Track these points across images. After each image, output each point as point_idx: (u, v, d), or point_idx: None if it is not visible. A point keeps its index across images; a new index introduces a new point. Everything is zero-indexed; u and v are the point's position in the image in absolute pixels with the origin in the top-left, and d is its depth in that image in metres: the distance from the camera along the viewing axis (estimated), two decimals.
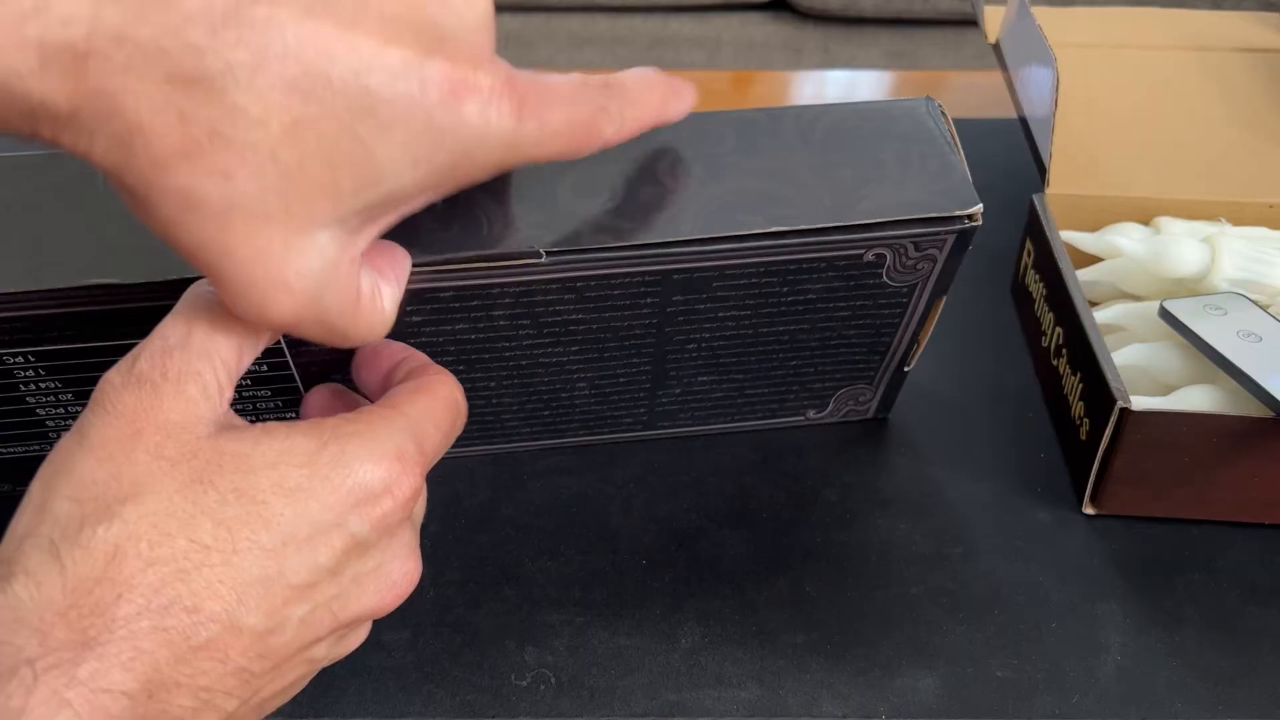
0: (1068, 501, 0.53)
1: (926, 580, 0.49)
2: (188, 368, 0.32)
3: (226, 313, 0.32)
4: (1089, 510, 0.52)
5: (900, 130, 0.44)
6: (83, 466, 0.30)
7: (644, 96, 0.36)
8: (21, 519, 0.30)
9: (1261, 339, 0.49)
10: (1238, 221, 0.60)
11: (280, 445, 0.31)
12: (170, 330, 0.32)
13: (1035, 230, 0.59)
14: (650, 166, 0.42)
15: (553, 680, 0.45)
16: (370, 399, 0.39)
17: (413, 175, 0.30)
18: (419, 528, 0.37)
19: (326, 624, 0.32)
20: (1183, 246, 0.55)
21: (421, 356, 0.39)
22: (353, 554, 0.32)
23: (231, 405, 0.34)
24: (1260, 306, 0.51)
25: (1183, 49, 0.72)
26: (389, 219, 0.32)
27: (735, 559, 0.50)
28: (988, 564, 0.49)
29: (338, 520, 0.31)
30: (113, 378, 0.31)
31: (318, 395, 0.40)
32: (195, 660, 0.29)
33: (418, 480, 0.33)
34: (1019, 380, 0.59)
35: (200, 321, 0.32)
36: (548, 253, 0.41)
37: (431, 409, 0.35)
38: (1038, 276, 0.59)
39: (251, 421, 0.33)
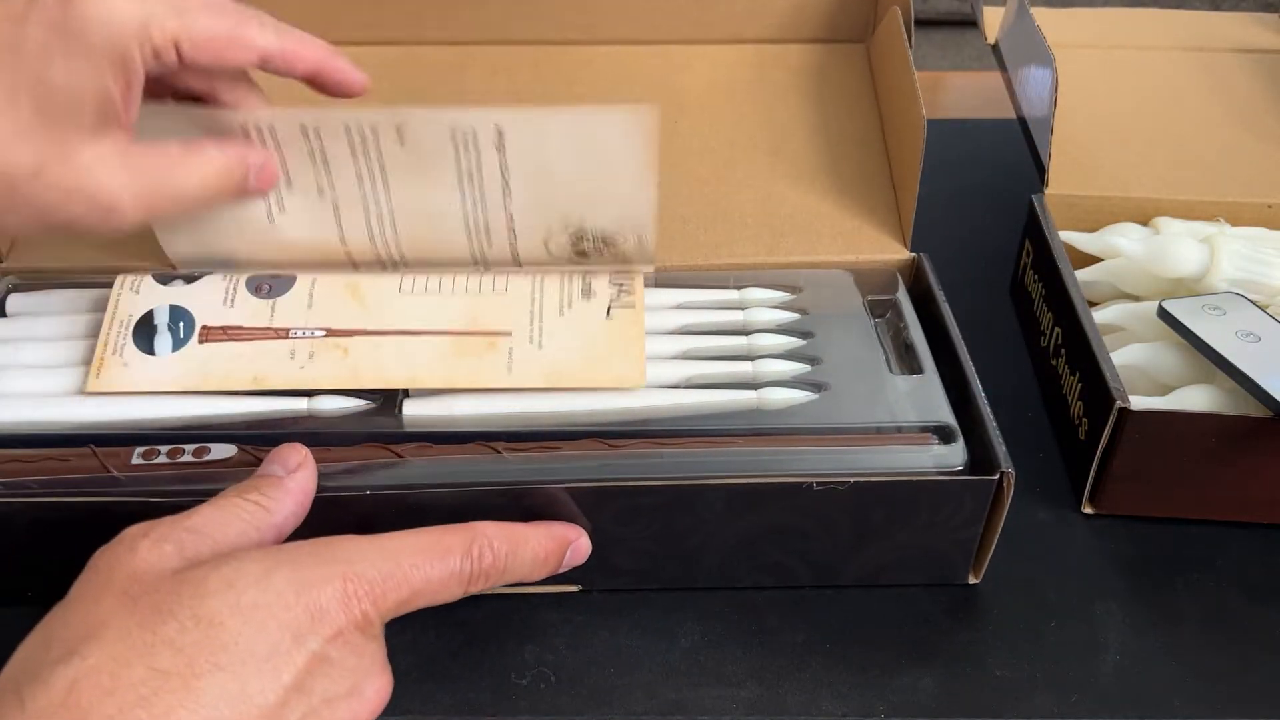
0: (1067, 501, 0.53)
1: (926, 580, 0.49)
2: (171, 533, 0.34)
3: (237, 509, 0.36)
4: (1088, 510, 0.52)
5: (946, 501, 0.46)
6: (56, 617, 0.32)
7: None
8: (3, 674, 0.31)
9: (1260, 339, 0.49)
10: (1236, 222, 0.60)
11: (236, 566, 0.33)
12: (178, 514, 0.36)
13: (1034, 230, 0.59)
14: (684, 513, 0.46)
15: (552, 679, 0.45)
16: None
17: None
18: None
19: None
20: (1181, 247, 0.55)
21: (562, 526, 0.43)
22: (317, 672, 0.33)
23: None
24: (1259, 306, 0.51)
25: (1182, 49, 0.72)
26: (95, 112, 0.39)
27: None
28: (988, 564, 0.49)
29: (296, 637, 0.32)
30: (103, 547, 0.34)
31: None
32: None
33: (370, 605, 0.34)
34: (1018, 380, 0.59)
35: (208, 509, 0.36)
36: (584, 590, 0.48)
37: (422, 548, 0.37)
38: (1037, 277, 0.59)
39: None
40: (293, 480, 0.39)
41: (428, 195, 0.48)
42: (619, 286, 0.50)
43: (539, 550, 0.41)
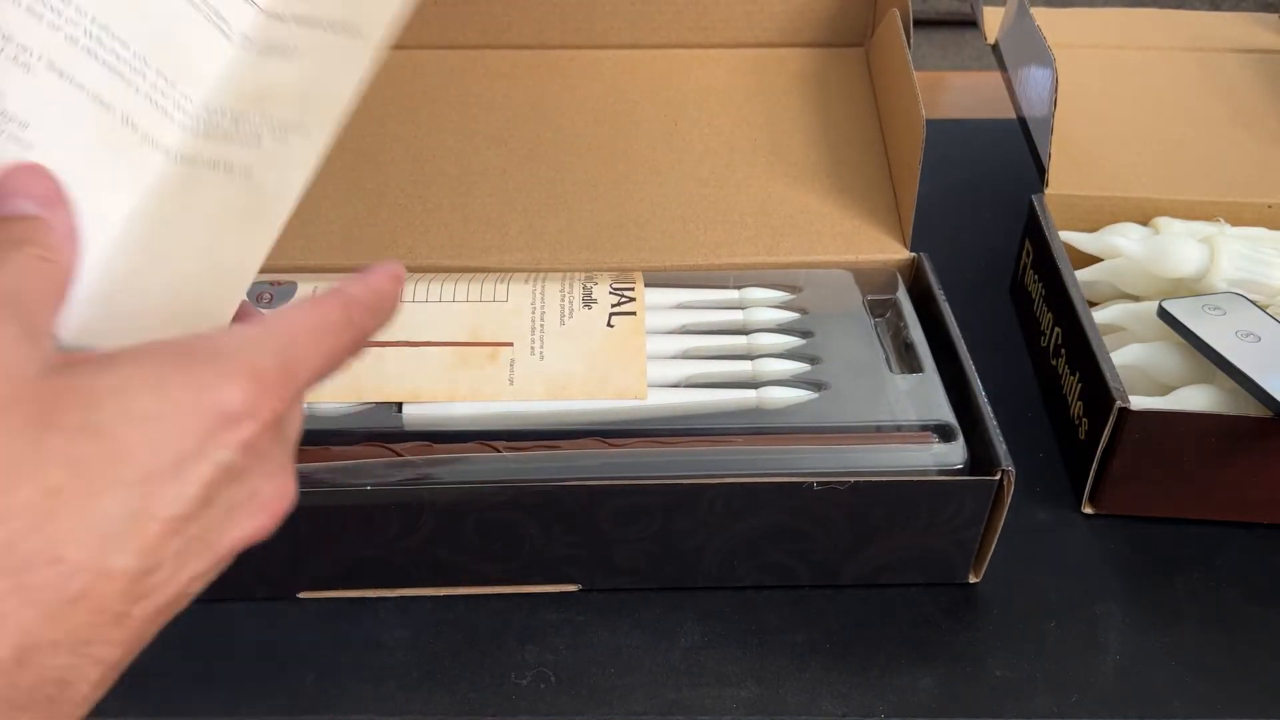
0: (1066, 501, 0.53)
1: (926, 580, 0.49)
2: (24, 261, 0.30)
3: (35, 265, 0.30)
4: (1088, 510, 0.52)
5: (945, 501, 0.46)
6: None
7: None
8: None
9: (1260, 339, 0.49)
10: (1236, 222, 0.60)
11: (124, 372, 0.29)
12: None
13: (1034, 230, 0.59)
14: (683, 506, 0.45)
15: (552, 679, 0.45)
16: None
17: None
18: (291, 444, 0.34)
19: (206, 558, 0.30)
20: (1182, 247, 0.55)
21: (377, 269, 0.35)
22: (223, 482, 0.30)
23: None
24: (1259, 306, 0.51)
25: (1182, 50, 0.72)
26: None
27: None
28: (988, 564, 0.49)
29: (199, 446, 0.29)
30: None
31: None
32: (69, 615, 0.27)
33: (279, 401, 0.31)
34: (1018, 380, 0.59)
35: (4, 270, 0.30)
36: (584, 590, 0.48)
37: (311, 327, 0.32)
38: (1037, 276, 0.59)
39: None
40: (60, 220, 0.33)
41: None
42: (620, 294, 0.50)
43: (378, 284, 0.35)
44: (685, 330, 0.51)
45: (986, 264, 0.66)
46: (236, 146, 0.38)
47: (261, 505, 0.31)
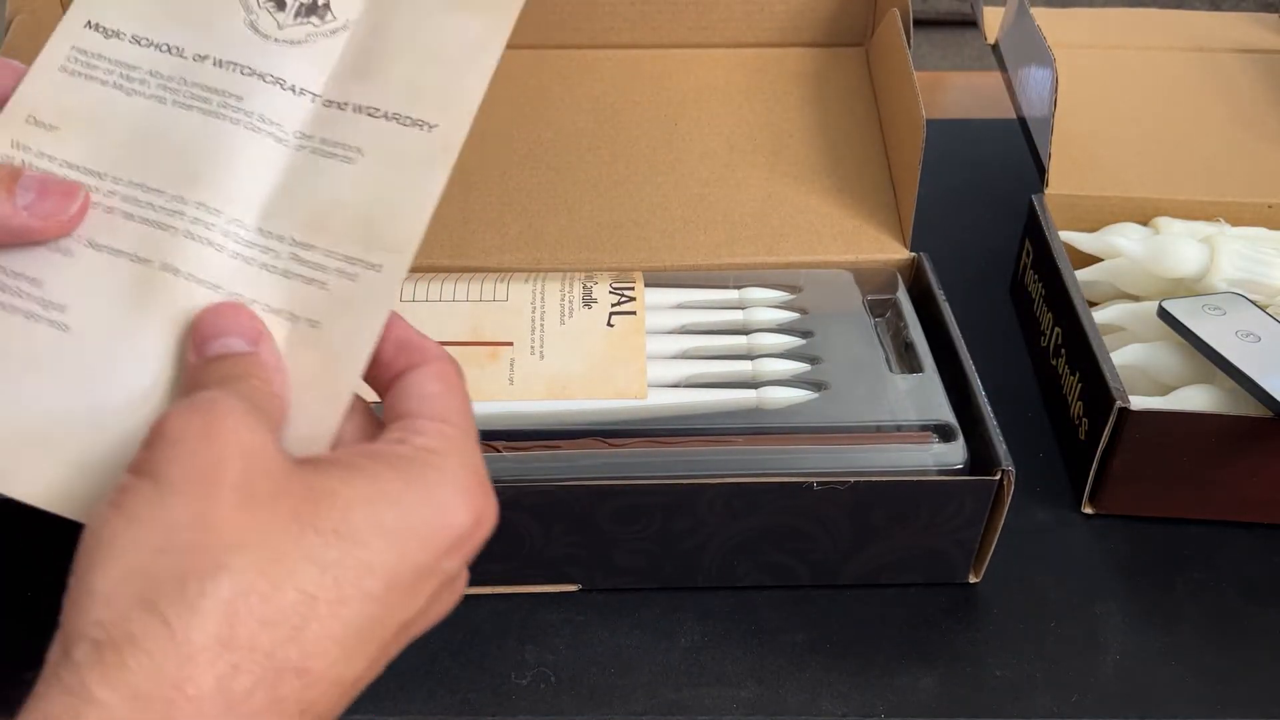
0: (1066, 501, 0.53)
1: (926, 580, 0.49)
2: (256, 404, 0.30)
3: (260, 391, 0.31)
4: (1088, 510, 0.52)
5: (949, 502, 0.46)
6: (166, 509, 0.27)
7: None
8: (95, 577, 0.26)
9: (1260, 339, 0.49)
10: (1236, 222, 0.60)
11: (368, 481, 0.29)
12: (208, 390, 0.30)
13: (1035, 230, 0.59)
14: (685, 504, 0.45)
15: (553, 679, 0.45)
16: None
17: None
18: None
19: (402, 645, 0.31)
20: (1181, 247, 0.55)
21: (408, 329, 0.34)
22: (444, 589, 0.31)
23: None
24: (1259, 306, 0.51)
25: (1182, 50, 0.72)
26: None
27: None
28: (988, 564, 0.49)
29: (434, 562, 0.30)
30: (173, 410, 0.28)
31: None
32: None
33: (495, 505, 0.32)
34: (1018, 380, 0.59)
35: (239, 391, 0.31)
36: (584, 590, 0.48)
37: (464, 407, 0.33)
38: (1037, 276, 0.59)
39: None
40: (268, 353, 0.33)
41: (147, 127, 0.36)
42: (620, 294, 0.50)
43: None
44: (685, 330, 0.51)
45: (986, 264, 0.66)
46: (299, 289, 0.34)
47: (454, 594, 0.32)
